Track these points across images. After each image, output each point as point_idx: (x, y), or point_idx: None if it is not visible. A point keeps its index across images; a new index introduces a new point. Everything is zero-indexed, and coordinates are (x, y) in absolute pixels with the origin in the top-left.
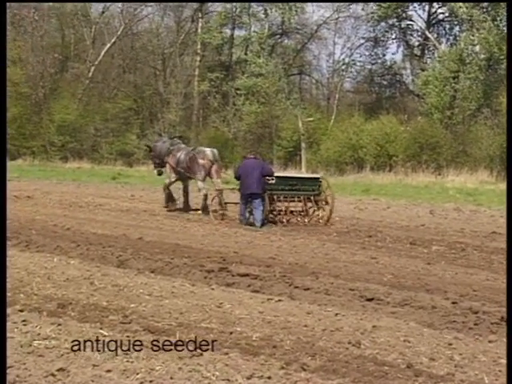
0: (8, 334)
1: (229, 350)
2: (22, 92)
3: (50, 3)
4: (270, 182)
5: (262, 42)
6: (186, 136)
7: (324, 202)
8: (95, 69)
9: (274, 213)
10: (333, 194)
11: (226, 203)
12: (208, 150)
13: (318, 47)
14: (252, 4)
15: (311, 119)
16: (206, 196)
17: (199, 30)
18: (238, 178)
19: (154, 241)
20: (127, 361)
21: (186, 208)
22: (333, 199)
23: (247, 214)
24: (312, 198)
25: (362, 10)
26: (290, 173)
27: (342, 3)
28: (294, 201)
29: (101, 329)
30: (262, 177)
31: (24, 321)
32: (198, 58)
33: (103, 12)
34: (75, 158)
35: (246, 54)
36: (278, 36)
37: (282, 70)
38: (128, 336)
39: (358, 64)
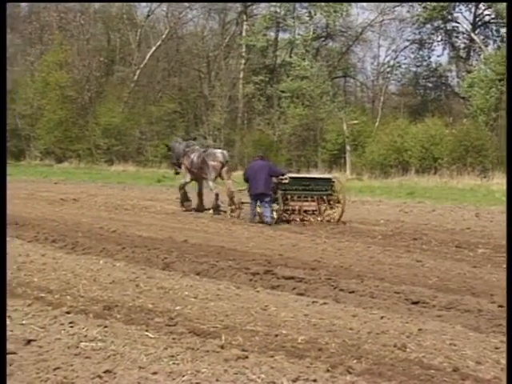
0: (55, 336)
1: (274, 353)
2: (68, 95)
3: (96, 7)
4: (284, 181)
5: (307, 44)
6: (230, 139)
7: (336, 202)
8: (140, 72)
9: (288, 212)
10: (344, 194)
11: (242, 203)
12: (218, 152)
13: (363, 50)
14: (296, 6)
15: (356, 122)
16: (217, 196)
17: (244, 33)
18: (246, 179)
19: (199, 243)
20: (173, 363)
21: (201, 208)
22: (344, 199)
23: (257, 214)
24: (325, 197)
25: (408, 12)
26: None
27: (386, 5)
28: (307, 200)
29: (146, 331)
30: (269, 177)
31: (71, 323)
32: (243, 61)
33: (148, 15)
34: (120, 160)
35: (290, 56)
36: (323, 38)
37: (326, 72)
38: (174, 338)
39: (403, 66)
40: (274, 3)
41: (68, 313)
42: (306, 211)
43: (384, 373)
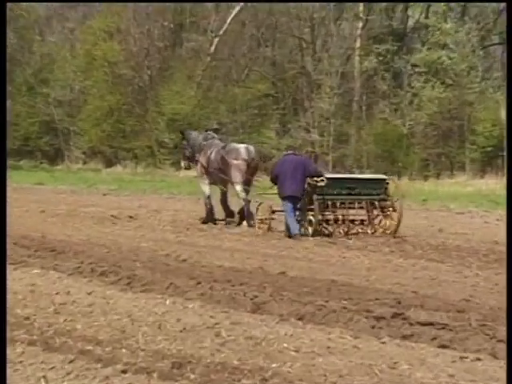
0: None
1: None
2: (120, 74)
3: None
4: (320, 183)
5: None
6: (343, 132)
7: (391, 209)
8: (219, 41)
9: (330, 222)
10: (402, 198)
11: (273, 211)
12: (242, 147)
13: None
14: None
15: None
16: (247, 201)
17: None
18: (274, 178)
19: (301, 276)
20: None
21: (230, 216)
22: (401, 205)
23: (298, 224)
24: (376, 203)
25: None
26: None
27: None
28: (353, 207)
29: None
30: (304, 178)
31: None
32: (361, 25)
33: None
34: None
35: (426, 17)
36: None
37: (477, 38)
38: None
39: None
40: None
41: (124, 372)
42: (352, 221)
43: None
